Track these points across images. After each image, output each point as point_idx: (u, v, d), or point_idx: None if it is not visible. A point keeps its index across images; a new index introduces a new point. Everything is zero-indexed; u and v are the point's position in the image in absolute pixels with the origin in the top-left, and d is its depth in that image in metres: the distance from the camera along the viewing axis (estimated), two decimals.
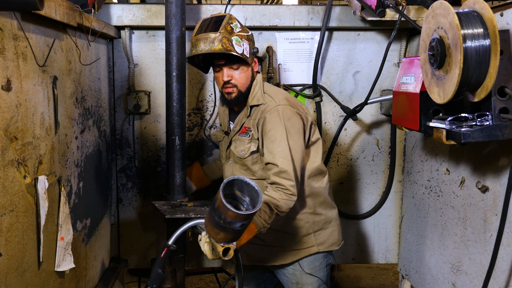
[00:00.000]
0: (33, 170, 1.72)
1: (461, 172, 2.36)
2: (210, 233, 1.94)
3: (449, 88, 1.74)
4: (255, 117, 2.36)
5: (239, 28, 2.32)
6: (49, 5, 1.75)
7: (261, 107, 2.35)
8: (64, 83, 2.07)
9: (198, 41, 2.29)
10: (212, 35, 2.25)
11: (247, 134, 2.38)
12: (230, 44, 2.25)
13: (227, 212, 1.80)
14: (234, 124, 2.47)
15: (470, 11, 1.73)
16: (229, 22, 2.29)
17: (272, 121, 2.29)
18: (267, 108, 2.33)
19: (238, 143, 2.42)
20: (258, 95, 2.38)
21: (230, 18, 2.33)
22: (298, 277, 2.53)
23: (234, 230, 1.89)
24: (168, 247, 2.07)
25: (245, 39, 2.31)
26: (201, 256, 3.26)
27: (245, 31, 2.36)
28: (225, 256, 1.95)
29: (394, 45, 3.06)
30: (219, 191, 1.79)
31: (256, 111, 2.37)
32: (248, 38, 2.35)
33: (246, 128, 2.39)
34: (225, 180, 1.85)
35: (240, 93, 2.38)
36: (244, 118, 2.41)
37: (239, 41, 2.27)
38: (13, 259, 1.59)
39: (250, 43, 2.35)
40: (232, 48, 2.25)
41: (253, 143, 2.36)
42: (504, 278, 2.01)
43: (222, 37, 2.24)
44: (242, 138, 2.41)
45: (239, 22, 2.38)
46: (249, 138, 2.38)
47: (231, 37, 2.26)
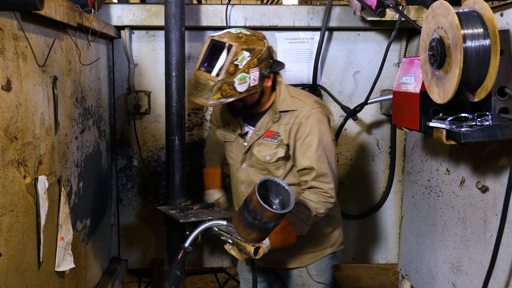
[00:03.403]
0: (33, 170, 1.72)
1: (461, 172, 2.36)
2: (242, 234, 2.02)
3: (449, 88, 1.74)
4: (287, 122, 2.26)
5: (248, 57, 2.07)
6: (49, 5, 1.75)
7: (294, 113, 2.25)
8: (64, 83, 2.07)
9: (198, 84, 2.12)
10: (211, 82, 2.06)
11: (275, 138, 2.28)
12: (231, 88, 2.07)
13: (265, 213, 1.88)
14: (257, 128, 2.33)
15: (470, 11, 1.73)
16: (234, 60, 2.05)
17: (308, 126, 2.22)
18: (301, 113, 2.24)
19: (263, 148, 2.31)
20: (288, 100, 2.27)
21: (237, 49, 2.06)
22: (304, 279, 2.50)
23: (267, 229, 1.97)
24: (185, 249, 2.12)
25: (254, 67, 2.09)
26: (201, 256, 3.27)
27: (255, 53, 2.09)
28: (256, 255, 2.03)
29: (394, 45, 3.06)
30: (255, 193, 1.87)
31: (288, 116, 2.26)
32: (260, 59, 2.10)
33: (273, 133, 2.28)
34: (258, 182, 1.94)
35: (246, 106, 2.26)
36: (270, 123, 2.29)
37: (244, 77, 2.08)
38: (13, 259, 1.59)
39: (263, 64, 2.12)
40: (234, 91, 2.08)
41: (280, 148, 2.27)
42: (504, 278, 2.01)
43: (223, 83, 2.05)
44: (268, 142, 2.30)
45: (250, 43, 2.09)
46: (277, 143, 2.27)
47: (233, 79, 2.06)
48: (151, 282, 3.06)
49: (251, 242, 2.02)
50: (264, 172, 2.34)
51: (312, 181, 2.24)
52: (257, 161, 2.33)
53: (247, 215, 1.94)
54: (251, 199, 1.92)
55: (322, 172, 2.22)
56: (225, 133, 2.46)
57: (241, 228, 2.01)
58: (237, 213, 2.03)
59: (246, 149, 2.36)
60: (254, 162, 2.35)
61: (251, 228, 1.97)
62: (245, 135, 2.38)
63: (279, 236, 2.15)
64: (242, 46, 2.06)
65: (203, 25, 2.96)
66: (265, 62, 2.13)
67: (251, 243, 2.02)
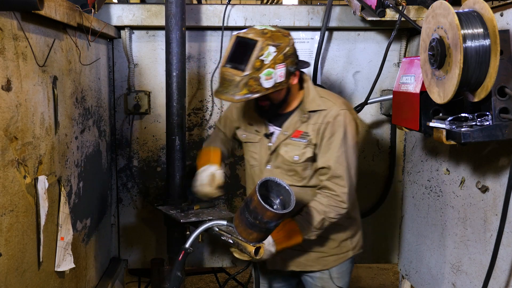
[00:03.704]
0: (33, 170, 1.72)
1: (461, 172, 2.36)
2: (242, 234, 2.03)
3: (449, 88, 1.74)
4: (315, 121, 2.23)
5: (274, 52, 2.03)
6: (49, 5, 1.75)
7: (323, 112, 2.22)
8: (64, 83, 2.07)
9: (224, 80, 2.08)
10: (237, 77, 2.01)
11: (304, 138, 2.24)
12: (257, 84, 2.03)
13: (266, 213, 1.90)
14: (284, 127, 2.28)
15: (470, 11, 1.73)
16: (260, 55, 2.01)
17: (334, 126, 2.20)
18: (330, 113, 2.21)
19: (291, 148, 2.26)
20: (317, 99, 2.24)
21: (263, 44, 2.02)
22: (325, 282, 2.46)
23: (268, 229, 1.98)
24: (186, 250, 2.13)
25: (280, 63, 2.05)
26: (201, 256, 3.27)
27: (281, 48, 2.05)
28: (257, 255, 2.03)
29: (394, 45, 3.06)
30: (255, 193, 1.87)
31: (317, 116, 2.23)
32: (286, 55, 2.07)
33: (301, 132, 2.24)
34: (259, 182, 1.95)
35: (273, 105, 2.22)
36: (299, 123, 2.25)
37: (270, 73, 2.03)
38: (13, 259, 1.59)
39: (288, 60, 2.09)
40: (260, 87, 2.04)
41: (309, 148, 2.24)
42: (504, 278, 2.01)
43: (249, 79, 2.01)
44: (297, 142, 2.25)
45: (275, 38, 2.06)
46: (305, 143, 2.24)
47: (259, 75, 2.02)
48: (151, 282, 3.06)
49: (251, 242, 2.03)
50: (291, 173, 2.30)
51: (326, 181, 2.22)
52: (284, 161, 2.28)
53: (248, 215, 1.95)
54: (252, 199, 1.92)
55: (337, 174, 2.19)
56: (247, 133, 2.40)
57: (242, 228, 2.01)
58: (238, 213, 2.03)
59: (272, 149, 2.31)
60: (280, 163, 2.30)
61: (252, 228, 1.97)
62: (271, 136, 2.32)
63: (281, 233, 2.14)
64: (267, 41, 2.03)
65: (203, 25, 2.96)
66: (291, 59, 2.10)
67: (252, 243, 2.03)
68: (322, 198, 2.22)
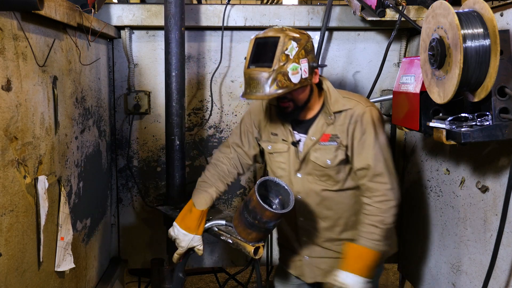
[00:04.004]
0: (33, 170, 1.72)
1: (461, 172, 2.36)
2: (242, 234, 2.03)
3: (449, 88, 1.74)
4: (342, 122, 2.17)
5: (296, 47, 2.00)
6: (49, 5, 1.75)
7: (349, 112, 2.17)
8: (64, 83, 2.07)
9: (250, 80, 2.02)
10: (265, 74, 1.97)
11: (334, 141, 2.17)
12: (286, 79, 1.98)
13: (265, 212, 1.89)
14: (311, 133, 2.21)
15: (470, 11, 1.73)
16: (284, 49, 1.98)
17: (363, 125, 2.15)
18: (356, 112, 2.16)
19: (322, 153, 2.19)
20: (340, 100, 2.19)
21: (285, 39, 2.00)
22: None
23: (267, 229, 1.99)
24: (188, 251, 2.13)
25: (303, 58, 2.02)
26: (201, 256, 3.27)
27: (302, 44, 2.02)
28: (256, 255, 2.03)
29: (394, 45, 3.06)
30: (254, 193, 1.87)
31: (343, 116, 2.17)
32: (307, 51, 2.03)
33: (329, 136, 2.18)
34: (258, 182, 1.95)
35: (297, 107, 2.15)
36: (325, 126, 2.19)
37: (296, 68, 2.00)
38: (13, 259, 1.59)
39: (309, 56, 2.05)
40: (289, 82, 1.99)
41: (340, 150, 2.17)
42: (504, 278, 2.01)
43: (277, 74, 1.97)
44: (327, 146, 2.18)
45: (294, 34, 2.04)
46: (336, 146, 2.17)
47: (286, 69, 1.98)
48: (151, 282, 3.06)
49: (251, 242, 2.03)
50: (324, 178, 2.23)
51: (368, 182, 2.16)
52: (315, 167, 2.22)
53: (247, 215, 1.95)
54: (251, 199, 1.93)
55: (378, 171, 2.14)
56: (273, 144, 2.30)
57: (241, 228, 2.01)
58: (237, 213, 2.04)
59: (302, 157, 2.23)
60: (311, 170, 2.24)
61: (251, 228, 1.98)
62: (298, 143, 2.25)
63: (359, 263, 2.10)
64: (288, 36, 2.01)
65: (203, 25, 2.96)
66: (311, 54, 2.07)
67: (251, 243, 2.03)
68: (372, 209, 2.14)
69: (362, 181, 2.18)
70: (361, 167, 2.16)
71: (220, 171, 2.36)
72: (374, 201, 2.14)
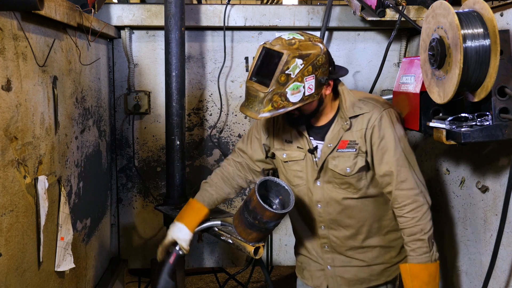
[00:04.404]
0: (33, 170, 1.72)
1: (461, 172, 2.36)
2: (242, 234, 2.03)
3: (449, 88, 1.74)
4: (360, 127, 2.06)
5: (301, 65, 1.88)
6: (49, 5, 1.75)
7: (365, 116, 2.05)
8: (64, 83, 2.07)
9: (248, 95, 1.96)
10: (261, 93, 1.89)
11: (352, 147, 2.06)
12: (283, 99, 1.89)
13: (265, 213, 1.90)
14: (327, 140, 2.10)
15: (470, 11, 1.73)
16: (285, 69, 1.87)
17: (382, 128, 2.03)
18: (373, 116, 2.04)
19: (341, 160, 2.08)
20: (356, 103, 2.07)
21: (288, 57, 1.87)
22: None
23: (267, 229, 1.99)
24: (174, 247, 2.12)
25: (309, 75, 1.90)
26: (201, 256, 3.27)
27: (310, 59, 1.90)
28: (256, 255, 2.03)
29: (394, 45, 3.06)
30: (255, 193, 1.87)
31: (360, 121, 2.06)
32: (315, 66, 1.91)
33: (347, 142, 2.07)
34: (258, 182, 1.94)
35: (303, 115, 2.05)
36: (342, 132, 2.07)
37: (298, 87, 1.89)
38: (13, 259, 1.59)
39: (319, 71, 1.93)
40: (286, 103, 1.89)
41: (359, 157, 2.06)
42: (504, 278, 2.01)
43: (273, 95, 1.87)
44: (346, 153, 2.07)
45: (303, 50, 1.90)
46: (355, 152, 2.06)
47: (285, 90, 1.88)
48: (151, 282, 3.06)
49: (251, 242, 2.03)
50: (344, 186, 2.12)
51: (395, 191, 2.03)
52: (335, 175, 2.11)
53: (247, 215, 1.95)
54: (251, 199, 1.93)
55: (403, 178, 2.02)
56: (288, 152, 2.19)
57: (241, 228, 2.02)
58: (237, 213, 2.04)
59: (320, 165, 2.12)
60: (331, 178, 2.12)
61: (251, 228, 1.98)
62: (315, 150, 2.13)
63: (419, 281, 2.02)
64: (293, 53, 1.87)
65: (203, 25, 2.96)
66: (322, 69, 1.94)
67: (251, 243, 2.03)
68: (406, 221, 2.02)
69: (388, 189, 2.06)
70: (383, 174, 2.05)
71: (225, 172, 2.33)
72: (406, 211, 2.02)
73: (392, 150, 2.02)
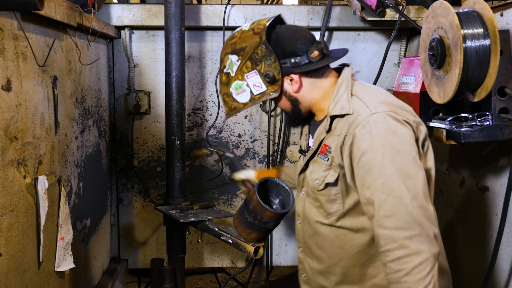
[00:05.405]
0: (33, 170, 1.72)
1: (461, 172, 2.36)
2: (242, 234, 2.03)
3: (449, 88, 1.74)
4: (339, 132, 1.59)
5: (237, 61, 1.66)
6: (49, 5, 1.75)
7: (348, 118, 1.57)
8: (64, 83, 2.07)
9: None
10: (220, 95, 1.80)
11: (326, 156, 1.63)
12: (232, 100, 1.70)
13: (265, 213, 1.90)
14: (313, 140, 1.73)
15: (470, 11, 1.73)
16: (222, 68, 1.70)
17: (366, 139, 1.50)
18: (357, 120, 1.54)
19: (316, 168, 1.68)
20: (343, 100, 1.60)
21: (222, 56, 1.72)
22: None
23: (267, 229, 1.98)
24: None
25: (249, 72, 1.65)
26: (201, 256, 3.27)
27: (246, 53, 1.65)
28: (256, 255, 2.03)
29: (394, 45, 3.06)
30: (255, 193, 1.87)
31: (342, 124, 1.59)
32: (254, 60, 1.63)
33: (327, 147, 1.64)
34: (258, 182, 1.96)
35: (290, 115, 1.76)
36: (324, 133, 1.65)
37: (240, 86, 1.67)
38: (13, 259, 1.59)
39: (261, 66, 1.63)
40: (236, 103, 1.70)
41: (332, 171, 1.62)
42: (504, 278, 2.01)
43: (223, 95, 1.74)
44: (320, 161, 1.66)
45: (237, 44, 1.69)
46: (327, 163, 1.63)
47: (229, 91, 1.70)
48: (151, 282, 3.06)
49: (251, 242, 2.03)
50: (317, 204, 1.71)
51: (376, 228, 1.49)
52: (309, 186, 1.73)
53: (247, 215, 1.95)
54: (251, 199, 1.93)
55: (388, 211, 1.45)
56: (293, 150, 1.93)
57: (241, 228, 2.02)
58: (237, 213, 2.04)
59: (300, 169, 1.78)
60: (309, 189, 1.74)
61: (251, 228, 1.98)
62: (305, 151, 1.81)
63: None
64: (226, 50, 1.71)
65: (203, 25, 2.96)
66: (267, 62, 1.62)
67: (251, 243, 2.03)
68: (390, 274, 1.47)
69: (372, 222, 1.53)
70: (366, 201, 1.53)
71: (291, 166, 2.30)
72: (389, 259, 1.46)
73: (377, 169, 1.48)
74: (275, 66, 1.62)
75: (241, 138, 3.16)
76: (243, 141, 3.16)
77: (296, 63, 1.63)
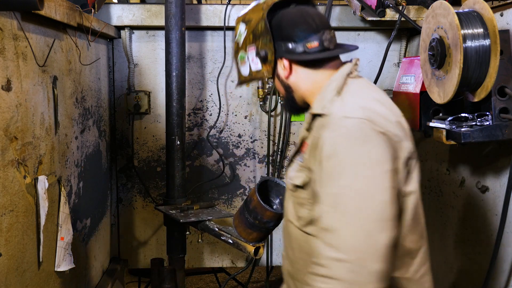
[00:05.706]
0: (33, 170, 1.72)
1: (461, 172, 2.36)
2: (242, 234, 2.03)
3: (449, 88, 1.74)
4: (315, 133, 1.44)
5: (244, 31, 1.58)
6: (49, 5, 1.75)
7: (324, 119, 1.41)
8: (64, 83, 2.07)
9: None
10: None
11: (302, 156, 1.50)
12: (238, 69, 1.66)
13: (265, 213, 1.91)
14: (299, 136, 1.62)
15: (470, 11, 1.73)
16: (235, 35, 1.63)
17: (331, 143, 1.34)
18: (329, 122, 1.38)
19: (293, 167, 1.56)
20: (326, 99, 1.45)
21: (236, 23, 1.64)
22: None
23: (268, 229, 1.98)
24: None
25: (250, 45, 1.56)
26: (201, 256, 3.27)
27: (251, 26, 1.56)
28: (256, 255, 2.03)
29: (394, 45, 3.06)
30: (255, 193, 1.87)
31: (318, 124, 1.45)
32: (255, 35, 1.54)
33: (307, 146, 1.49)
34: (258, 182, 1.96)
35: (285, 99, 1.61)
36: (304, 131, 1.53)
37: (242, 58, 1.60)
38: (13, 259, 1.59)
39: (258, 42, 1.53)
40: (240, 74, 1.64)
41: (302, 173, 1.46)
42: (504, 278, 2.01)
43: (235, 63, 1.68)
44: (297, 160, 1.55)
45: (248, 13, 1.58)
46: (302, 164, 1.49)
47: (237, 59, 1.63)
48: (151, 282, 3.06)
49: (251, 242, 2.03)
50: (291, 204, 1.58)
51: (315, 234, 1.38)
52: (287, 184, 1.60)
53: (247, 215, 1.95)
54: (251, 199, 1.93)
55: (329, 225, 1.29)
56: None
57: (242, 228, 2.02)
58: (238, 213, 2.04)
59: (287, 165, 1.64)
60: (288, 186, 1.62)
61: (252, 228, 1.98)
62: None
63: None
64: (240, 18, 1.61)
65: (203, 25, 2.96)
66: (263, 40, 1.51)
67: (252, 243, 2.03)
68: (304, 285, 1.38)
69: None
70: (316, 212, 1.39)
71: None
72: (310, 269, 1.34)
73: (333, 177, 1.31)
74: (270, 46, 1.51)
75: (241, 138, 3.16)
76: (243, 141, 3.16)
77: (289, 48, 1.51)
